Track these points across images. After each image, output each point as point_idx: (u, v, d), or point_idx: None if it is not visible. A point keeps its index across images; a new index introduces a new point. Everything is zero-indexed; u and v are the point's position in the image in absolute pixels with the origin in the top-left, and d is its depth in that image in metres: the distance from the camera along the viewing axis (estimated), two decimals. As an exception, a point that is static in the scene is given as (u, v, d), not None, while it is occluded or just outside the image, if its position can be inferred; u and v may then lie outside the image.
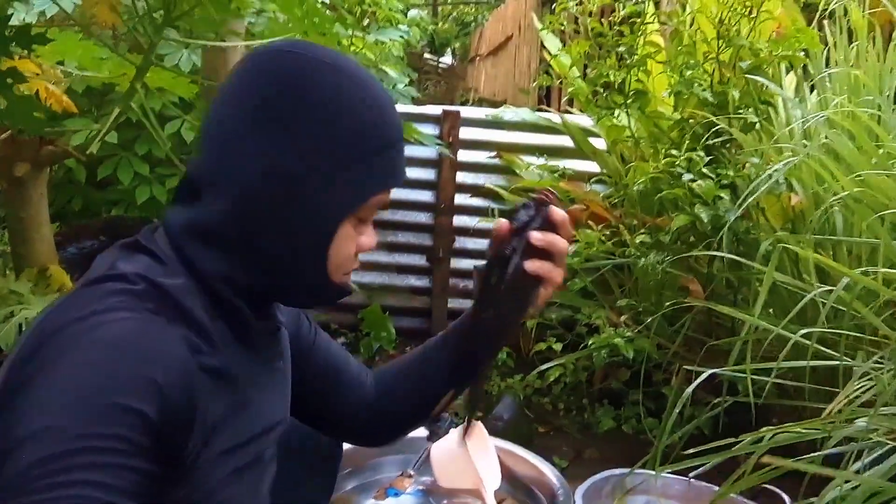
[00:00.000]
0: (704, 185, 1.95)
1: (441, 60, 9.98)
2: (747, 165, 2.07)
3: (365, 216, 0.84)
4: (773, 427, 1.26)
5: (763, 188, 1.75)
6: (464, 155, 3.10)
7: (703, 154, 2.04)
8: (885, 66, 2.09)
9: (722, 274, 2.08)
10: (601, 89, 2.35)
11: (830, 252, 1.88)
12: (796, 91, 2.33)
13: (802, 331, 1.35)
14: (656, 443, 1.42)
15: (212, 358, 0.76)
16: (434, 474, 1.25)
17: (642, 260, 2.19)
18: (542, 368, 2.35)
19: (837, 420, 1.19)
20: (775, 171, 1.74)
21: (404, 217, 3.13)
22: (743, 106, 2.10)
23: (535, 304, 0.94)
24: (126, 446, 0.65)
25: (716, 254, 1.90)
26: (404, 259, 3.18)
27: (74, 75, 1.80)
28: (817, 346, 1.36)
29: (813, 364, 1.38)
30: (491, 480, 1.22)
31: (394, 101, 0.85)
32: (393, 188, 0.84)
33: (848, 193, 1.61)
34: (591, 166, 2.92)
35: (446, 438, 1.26)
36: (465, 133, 3.11)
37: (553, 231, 0.90)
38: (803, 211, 2.02)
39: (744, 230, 1.97)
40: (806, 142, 1.98)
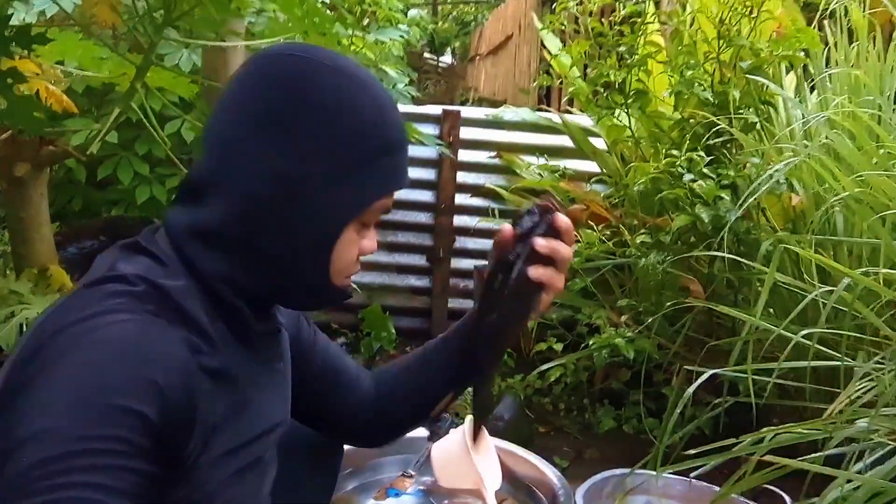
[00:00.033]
0: (705, 186, 1.95)
1: (441, 60, 9.99)
2: (748, 165, 2.07)
3: (368, 220, 0.85)
4: (774, 427, 1.26)
5: (764, 188, 1.74)
6: (464, 155, 3.10)
7: (704, 154, 2.03)
8: (886, 66, 2.09)
9: (722, 274, 2.08)
10: (601, 89, 2.34)
11: (831, 252, 1.88)
12: (797, 91, 2.33)
13: (803, 331, 1.34)
14: (657, 443, 1.42)
15: (212, 359, 0.76)
16: (435, 474, 1.26)
17: (643, 260, 2.18)
18: (543, 368, 2.35)
19: (838, 421, 1.19)
20: (776, 172, 1.74)
21: (404, 217, 3.12)
22: (743, 106, 2.10)
23: (537, 310, 0.94)
24: (126, 448, 0.65)
25: (716, 254, 1.90)
26: (405, 259, 3.17)
27: (74, 75, 1.80)
28: (818, 347, 1.36)
29: (814, 364, 1.38)
30: (491, 481, 1.22)
31: (396, 104, 0.85)
32: (397, 191, 0.84)
33: (849, 194, 1.61)
34: (592, 166, 2.91)
35: (447, 438, 1.26)
36: (466, 133, 3.11)
37: (557, 238, 0.90)
38: (804, 211, 2.02)
39: (744, 230, 1.97)
40: (806, 142, 1.98)
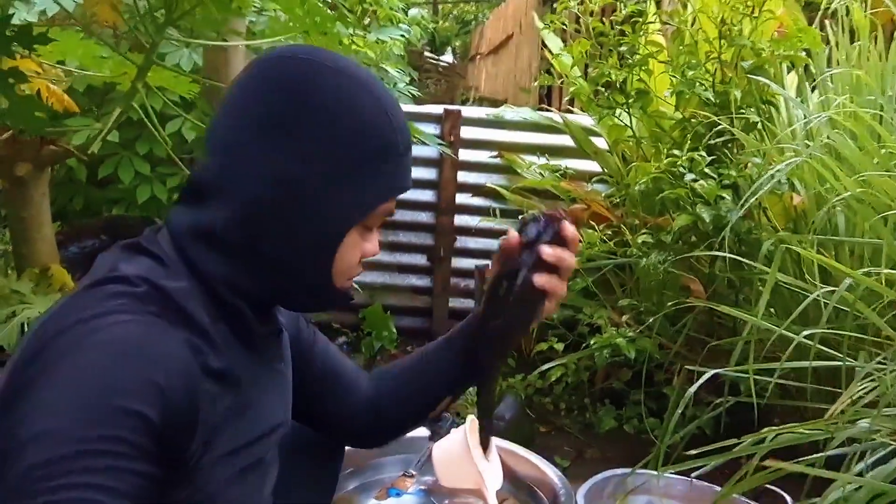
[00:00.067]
0: (706, 185, 1.95)
1: (441, 59, 9.99)
2: (749, 165, 2.07)
3: (371, 223, 0.85)
4: (776, 427, 1.26)
5: (765, 188, 1.74)
6: (465, 154, 3.09)
7: (705, 154, 2.03)
8: (888, 66, 2.09)
9: (724, 274, 2.08)
10: (602, 89, 2.34)
11: (833, 252, 1.88)
12: (798, 91, 2.33)
13: (805, 331, 1.34)
14: (658, 443, 1.41)
15: (214, 360, 0.76)
16: (436, 474, 1.25)
17: (644, 260, 2.18)
18: (544, 368, 2.35)
19: (840, 421, 1.19)
20: (777, 171, 1.74)
21: (405, 216, 3.12)
22: (745, 106, 2.10)
23: (540, 317, 0.95)
24: (128, 449, 0.65)
25: (718, 254, 1.89)
26: (405, 258, 3.17)
27: (75, 74, 1.81)
28: (820, 347, 1.36)
29: (815, 365, 1.38)
30: (492, 480, 1.21)
31: (400, 107, 0.84)
32: (400, 194, 0.85)
33: (850, 194, 1.61)
34: (593, 166, 2.91)
35: (448, 438, 1.25)
36: (467, 132, 3.10)
37: (563, 246, 0.91)
38: (805, 211, 2.01)
39: (746, 230, 1.97)
40: (808, 142, 1.98)
